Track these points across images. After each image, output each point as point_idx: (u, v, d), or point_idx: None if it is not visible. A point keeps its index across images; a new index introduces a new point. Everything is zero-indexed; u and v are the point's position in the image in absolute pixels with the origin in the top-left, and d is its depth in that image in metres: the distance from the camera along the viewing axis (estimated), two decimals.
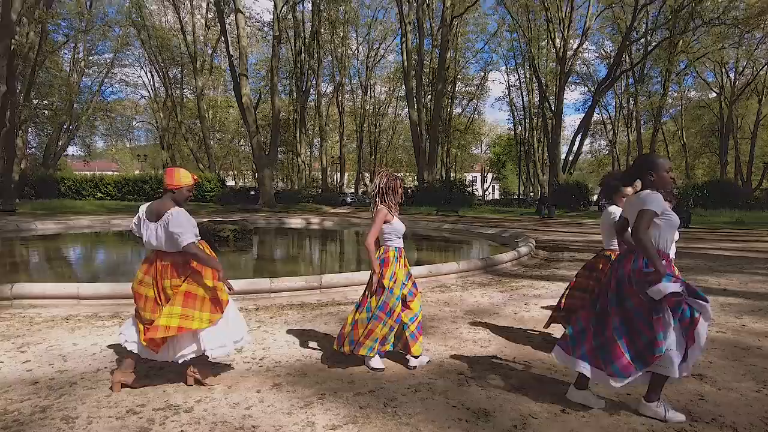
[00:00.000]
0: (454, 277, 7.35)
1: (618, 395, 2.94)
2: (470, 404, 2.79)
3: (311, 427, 2.47)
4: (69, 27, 33.49)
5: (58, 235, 13.92)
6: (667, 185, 2.67)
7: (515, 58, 40.68)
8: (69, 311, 4.98)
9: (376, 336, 3.23)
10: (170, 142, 43.14)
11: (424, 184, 32.60)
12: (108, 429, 2.42)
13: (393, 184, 3.42)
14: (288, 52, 39.42)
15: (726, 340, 4.19)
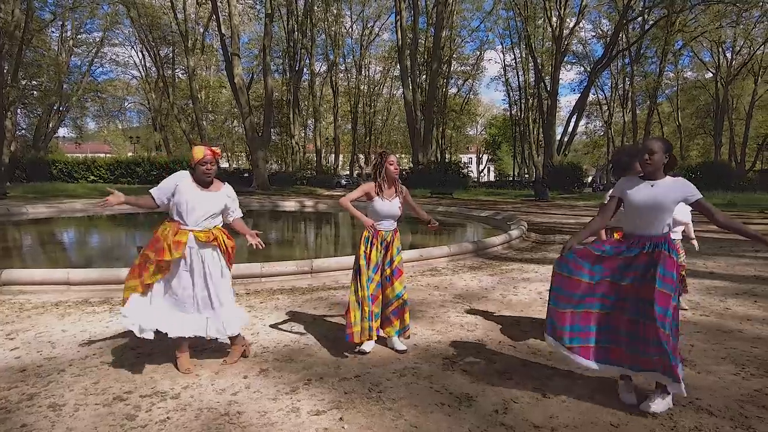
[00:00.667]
0: (445, 261, 7.40)
1: (602, 381, 2.99)
2: (454, 389, 2.83)
3: (296, 413, 2.51)
4: (56, 4, 32.77)
5: (49, 219, 13.85)
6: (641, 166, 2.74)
7: (511, 37, 40.25)
8: (59, 297, 4.99)
9: (355, 319, 3.28)
10: (163, 123, 42.61)
11: (419, 166, 32.51)
12: (95, 416, 2.45)
13: (380, 161, 3.40)
14: (281, 31, 38.78)
15: (709, 324, 4.26)
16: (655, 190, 2.63)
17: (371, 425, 2.39)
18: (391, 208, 3.42)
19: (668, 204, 2.60)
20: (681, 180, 2.66)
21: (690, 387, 2.93)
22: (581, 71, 39.67)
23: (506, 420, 2.47)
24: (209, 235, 3.04)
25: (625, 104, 39.18)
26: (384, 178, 3.40)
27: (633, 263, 2.63)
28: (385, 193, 3.42)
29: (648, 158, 2.65)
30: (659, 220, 2.62)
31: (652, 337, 2.49)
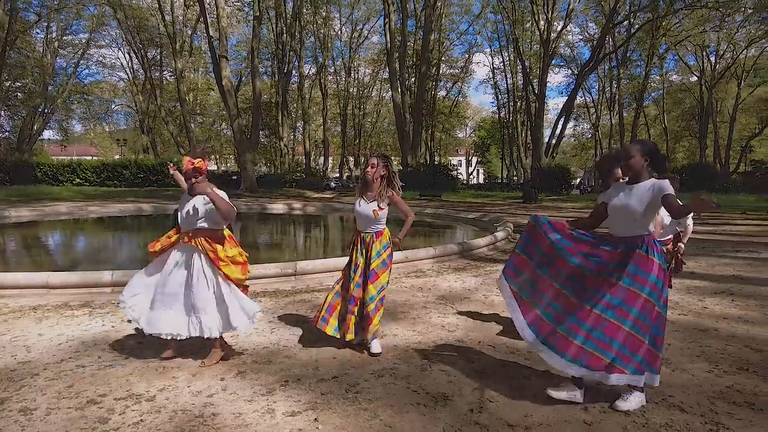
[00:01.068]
0: (430, 262, 7.42)
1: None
2: (431, 388, 2.85)
3: (271, 414, 2.50)
4: (41, 5, 32.40)
5: (32, 222, 13.66)
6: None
7: (499, 40, 40.55)
8: (38, 301, 4.92)
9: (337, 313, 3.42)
10: (150, 125, 42.28)
11: (408, 168, 32.57)
12: (66, 420, 2.42)
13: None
14: (269, 33, 38.68)
15: (686, 323, 4.32)
16: (629, 193, 2.68)
17: (346, 425, 2.39)
18: (364, 210, 3.45)
19: (636, 207, 2.61)
20: (656, 182, 2.64)
21: (663, 384, 2.97)
22: (569, 74, 40.10)
23: (481, 419, 2.49)
24: (190, 238, 3.14)
25: (612, 107, 39.62)
26: (363, 178, 3.45)
27: (603, 257, 2.66)
28: (366, 196, 3.47)
29: (625, 162, 2.70)
30: (632, 223, 2.65)
31: (609, 333, 2.51)
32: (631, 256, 2.58)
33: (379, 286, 3.38)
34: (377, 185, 3.46)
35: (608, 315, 2.51)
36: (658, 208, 2.68)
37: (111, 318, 4.27)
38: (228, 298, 3.13)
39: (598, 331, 2.50)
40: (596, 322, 2.52)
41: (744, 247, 8.99)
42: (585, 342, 2.50)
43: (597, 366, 2.49)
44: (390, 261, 3.52)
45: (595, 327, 2.51)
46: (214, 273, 3.15)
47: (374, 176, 3.44)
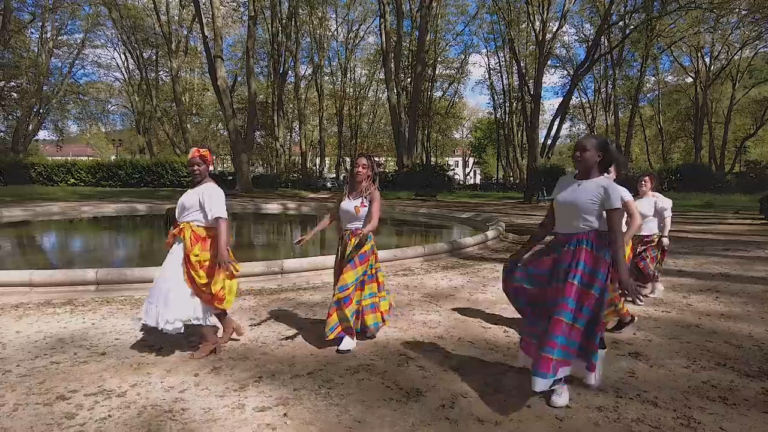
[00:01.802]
0: (419, 261, 7.41)
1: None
2: (405, 384, 2.83)
3: (240, 409, 2.48)
4: (35, 5, 32.30)
5: (24, 222, 13.60)
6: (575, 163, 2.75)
7: (495, 41, 40.58)
8: (21, 299, 4.89)
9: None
10: (146, 126, 42.18)
11: (404, 169, 32.57)
12: (33, 416, 2.40)
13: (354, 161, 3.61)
14: (265, 33, 38.65)
15: (669, 319, 4.32)
16: (578, 189, 2.63)
17: (314, 420, 2.38)
18: (346, 206, 3.48)
19: (583, 203, 2.57)
20: (608, 182, 2.61)
21: (639, 380, 2.97)
22: (564, 75, 40.20)
23: (451, 414, 2.47)
24: (180, 229, 3.24)
25: (607, 107, 39.73)
26: (351, 177, 3.55)
27: (557, 262, 2.61)
28: (351, 194, 3.50)
29: (579, 155, 2.64)
30: (578, 218, 2.59)
31: (564, 335, 2.47)
32: (581, 255, 2.54)
33: (354, 276, 3.32)
34: (363, 184, 3.48)
35: (568, 318, 2.48)
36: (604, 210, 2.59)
37: (92, 315, 4.25)
38: (176, 293, 3.12)
39: (562, 337, 2.48)
40: (559, 328, 2.48)
41: (734, 246, 9.00)
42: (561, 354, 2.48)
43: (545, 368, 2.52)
44: (369, 255, 3.45)
45: (559, 333, 2.48)
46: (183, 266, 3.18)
47: (365, 176, 3.46)
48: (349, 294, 3.29)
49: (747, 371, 3.13)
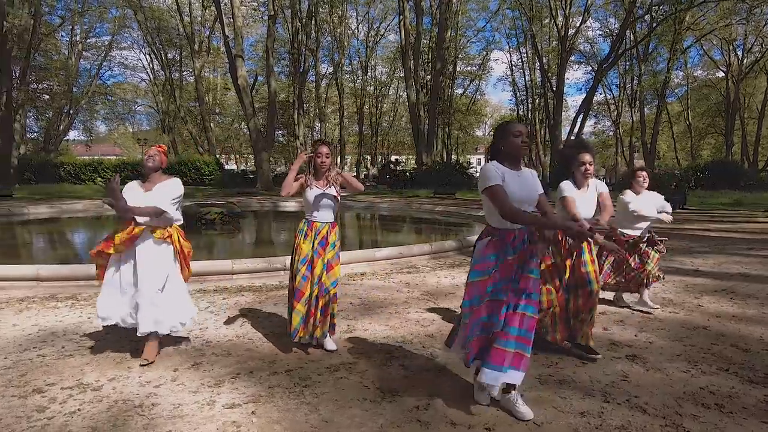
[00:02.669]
0: (425, 259, 7.31)
1: (538, 380, 2.89)
2: (383, 384, 2.76)
3: (210, 406, 2.45)
4: (65, 8, 33.24)
5: (49, 219, 14.00)
6: (515, 150, 2.44)
7: (517, 37, 39.92)
8: (27, 293, 4.99)
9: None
10: (171, 125, 42.99)
11: (423, 167, 32.37)
12: (6, 408, 2.41)
13: (313, 150, 3.34)
14: (285, 32, 38.92)
15: (675, 320, 4.13)
16: (525, 180, 2.45)
17: (281, 419, 2.32)
18: (324, 196, 3.29)
19: (536, 193, 2.47)
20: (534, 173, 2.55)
21: (631, 384, 2.83)
22: (588, 71, 39.26)
23: (424, 416, 2.39)
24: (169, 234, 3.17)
25: (633, 103, 38.65)
26: (313, 167, 3.33)
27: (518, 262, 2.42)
28: (318, 183, 3.31)
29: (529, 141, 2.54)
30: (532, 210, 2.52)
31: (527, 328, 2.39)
32: (533, 247, 2.44)
33: (333, 278, 3.23)
34: (327, 172, 3.34)
35: (530, 311, 2.39)
36: None
37: (90, 310, 4.30)
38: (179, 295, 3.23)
39: (524, 330, 2.38)
40: (522, 321, 2.38)
41: (759, 245, 8.61)
42: (516, 345, 2.37)
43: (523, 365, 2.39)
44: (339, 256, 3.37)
45: (521, 326, 2.38)
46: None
47: (330, 164, 3.35)
48: (337, 290, 3.26)
49: (751, 377, 2.95)
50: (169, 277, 3.15)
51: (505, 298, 2.34)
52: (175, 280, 3.20)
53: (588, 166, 3.38)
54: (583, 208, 3.33)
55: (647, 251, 4.39)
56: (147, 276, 3.03)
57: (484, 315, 2.35)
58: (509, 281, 2.36)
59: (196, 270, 5.78)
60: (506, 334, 2.34)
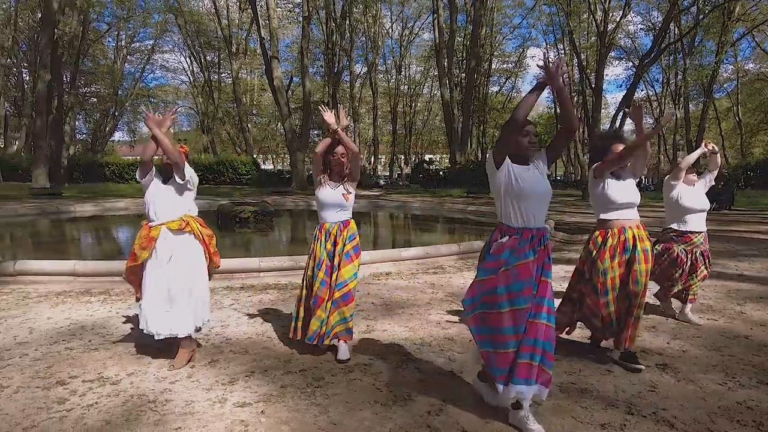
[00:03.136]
0: (453, 259, 7.19)
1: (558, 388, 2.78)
2: (396, 387, 2.70)
3: (221, 404, 2.46)
4: (111, 15, 34.68)
5: (93, 217, 14.63)
6: (523, 150, 2.33)
7: (554, 33, 38.89)
8: (64, 287, 5.19)
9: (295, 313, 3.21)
10: (210, 126, 44.23)
11: (456, 166, 32.03)
12: (29, 399, 2.50)
13: (330, 149, 3.25)
14: (320, 33, 39.32)
15: (713, 328, 3.89)
16: (537, 174, 2.35)
17: (290, 420, 2.31)
18: (331, 195, 3.21)
19: (549, 186, 2.38)
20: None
21: (660, 395, 2.67)
22: (629, 66, 37.87)
23: (435, 422, 2.32)
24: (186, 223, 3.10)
25: (677, 100, 37.01)
26: (328, 167, 3.27)
27: (538, 264, 2.28)
28: (329, 183, 3.25)
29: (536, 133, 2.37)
30: (546, 207, 2.41)
31: (550, 339, 2.24)
32: (549, 247, 2.32)
33: (352, 271, 3.15)
34: (342, 171, 3.28)
35: (551, 321, 2.26)
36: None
37: (120, 305, 4.43)
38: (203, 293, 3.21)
39: (548, 342, 2.24)
40: (544, 332, 2.24)
41: None
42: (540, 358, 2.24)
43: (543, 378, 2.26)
44: (360, 250, 3.30)
45: (542, 337, 2.23)
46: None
47: (347, 164, 3.28)
48: (350, 290, 3.15)
49: None
50: (198, 272, 3.10)
51: (526, 306, 2.21)
52: (203, 274, 3.14)
53: None
54: (620, 195, 3.15)
55: (699, 263, 4.04)
56: (176, 276, 2.98)
57: (509, 326, 2.21)
58: (528, 285, 2.22)
59: (225, 267, 5.89)
60: (531, 347, 2.20)
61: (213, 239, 3.21)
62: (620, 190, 3.17)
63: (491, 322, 2.25)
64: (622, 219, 3.16)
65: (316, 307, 3.08)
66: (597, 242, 3.18)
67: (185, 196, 3.13)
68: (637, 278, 3.03)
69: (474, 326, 2.31)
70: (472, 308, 2.31)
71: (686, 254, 4.01)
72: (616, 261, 3.08)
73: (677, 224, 4.10)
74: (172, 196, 3.11)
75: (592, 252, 3.18)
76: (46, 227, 11.82)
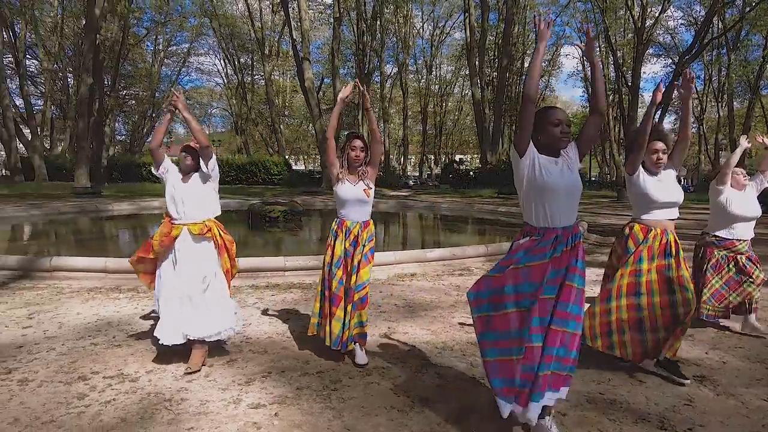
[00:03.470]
0: (480, 261, 7.04)
1: (586, 399, 2.63)
2: (415, 392, 2.62)
3: (235, 404, 2.44)
4: (150, 20, 35.79)
5: (129, 215, 15.10)
6: (553, 141, 2.15)
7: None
8: (96, 283, 5.33)
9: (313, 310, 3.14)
10: (243, 127, 45.09)
11: (487, 166, 31.61)
12: (51, 393, 2.54)
13: (346, 143, 3.19)
14: (350, 34, 39.52)
15: (757, 338, 3.64)
16: (563, 167, 2.16)
17: (303, 423, 2.26)
18: (352, 192, 3.09)
19: (579, 180, 2.20)
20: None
21: (698, 410, 2.50)
22: (668, 63, 36.51)
23: (452, 430, 2.23)
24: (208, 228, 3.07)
25: (719, 98, 35.44)
26: (346, 162, 3.18)
27: (557, 267, 2.10)
28: (349, 178, 3.15)
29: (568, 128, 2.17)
30: (576, 204, 2.22)
31: (566, 346, 2.06)
32: (579, 249, 2.12)
33: (360, 281, 3.02)
34: (361, 167, 3.17)
35: (571, 328, 2.08)
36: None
37: (146, 302, 4.50)
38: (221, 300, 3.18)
39: (563, 349, 2.07)
40: (561, 339, 2.06)
41: None
42: (555, 366, 2.08)
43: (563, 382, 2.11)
44: (374, 253, 3.18)
45: (557, 345, 2.06)
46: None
47: (363, 159, 3.20)
48: (367, 293, 3.06)
49: None
50: (214, 277, 3.06)
51: (533, 307, 2.04)
52: (220, 280, 3.10)
53: (660, 154, 2.97)
54: (662, 193, 2.93)
55: (750, 269, 3.69)
56: (192, 279, 2.95)
57: (514, 328, 2.06)
58: (539, 287, 2.06)
59: (250, 266, 5.96)
60: (546, 357, 2.03)
61: (234, 245, 3.20)
62: (661, 186, 2.95)
63: (497, 326, 2.11)
64: (665, 219, 2.95)
65: (334, 307, 3.01)
66: (638, 238, 2.94)
67: (209, 195, 3.12)
68: (685, 285, 2.81)
69: (479, 331, 2.18)
70: (477, 305, 2.19)
71: (727, 261, 3.74)
72: (654, 264, 2.86)
73: (724, 232, 3.76)
74: (196, 195, 3.08)
75: (628, 248, 2.95)
76: (84, 225, 12.25)
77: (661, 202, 2.94)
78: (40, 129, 32.18)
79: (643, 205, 2.99)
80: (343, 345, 2.99)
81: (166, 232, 3.00)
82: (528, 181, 2.13)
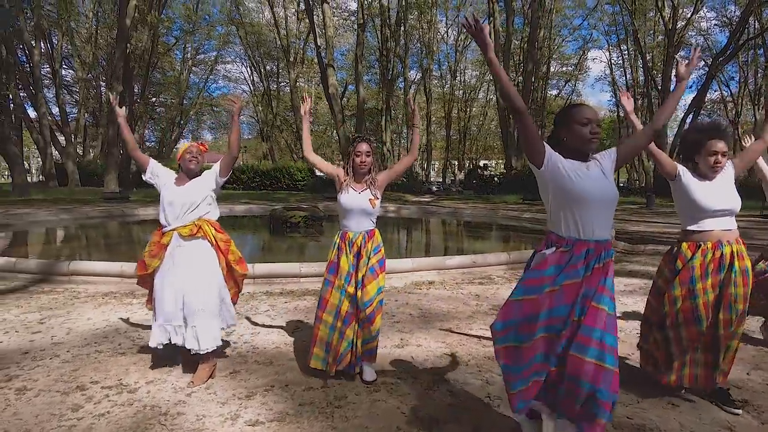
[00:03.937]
0: (502, 269, 6.80)
1: None
2: (424, 412, 2.44)
3: (233, 421, 2.31)
4: (179, 29, 36.67)
5: (154, 220, 15.33)
6: (582, 142, 1.92)
7: (617, 34, 37.01)
8: (111, 288, 5.32)
9: (320, 340, 2.78)
10: (269, 133, 45.67)
11: (512, 171, 31.13)
12: (46, 404, 2.46)
13: (352, 148, 2.98)
14: (374, 40, 39.65)
15: None
16: (597, 173, 1.93)
17: None
18: (356, 201, 2.87)
19: (614, 188, 1.95)
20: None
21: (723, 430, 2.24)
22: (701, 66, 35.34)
23: None
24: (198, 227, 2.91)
25: (756, 100, 34.10)
26: (351, 168, 2.98)
27: (588, 286, 1.83)
28: (354, 186, 2.96)
29: (597, 129, 1.95)
30: (611, 214, 1.94)
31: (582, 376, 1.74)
32: (609, 267, 1.85)
33: (377, 287, 2.83)
34: (367, 174, 2.99)
35: (590, 356, 1.74)
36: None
37: None
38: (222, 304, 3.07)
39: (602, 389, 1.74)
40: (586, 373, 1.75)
41: None
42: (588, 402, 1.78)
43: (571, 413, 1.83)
44: (385, 263, 2.96)
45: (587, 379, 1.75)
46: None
47: (370, 164, 3.00)
48: (374, 309, 2.80)
49: None
50: (213, 281, 2.90)
51: (564, 332, 1.80)
52: (219, 283, 2.94)
53: (720, 157, 2.54)
54: (713, 200, 2.54)
55: None
56: (190, 287, 2.80)
57: (539, 353, 1.83)
58: (572, 309, 1.81)
59: (266, 272, 5.88)
60: (574, 385, 1.76)
61: (231, 244, 3.01)
62: (711, 192, 2.55)
63: (526, 357, 1.84)
64: (717, 230, 2.55)
65: (347, 327, 2.79)
66: (686, 257, 2.56)
67: (203, 199, 2.95)
68: (730, 304, 2.47)
69: (504, 363, 1.91)
70: (504, 335, 1.90)
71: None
72: (709, 282, 2.50)
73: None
74: (187, 199, 2.90)
75: (676, 269, 2.59)
76: (111, 229, 12.46)
77: (713, 210, 2.54)
78: (74, 136, 33.30)
79: (689, 215, 2.61)
80: (350, 367, 2.82)
81: (155, 242, 2.87)
82: (555, 188, 1.89)
